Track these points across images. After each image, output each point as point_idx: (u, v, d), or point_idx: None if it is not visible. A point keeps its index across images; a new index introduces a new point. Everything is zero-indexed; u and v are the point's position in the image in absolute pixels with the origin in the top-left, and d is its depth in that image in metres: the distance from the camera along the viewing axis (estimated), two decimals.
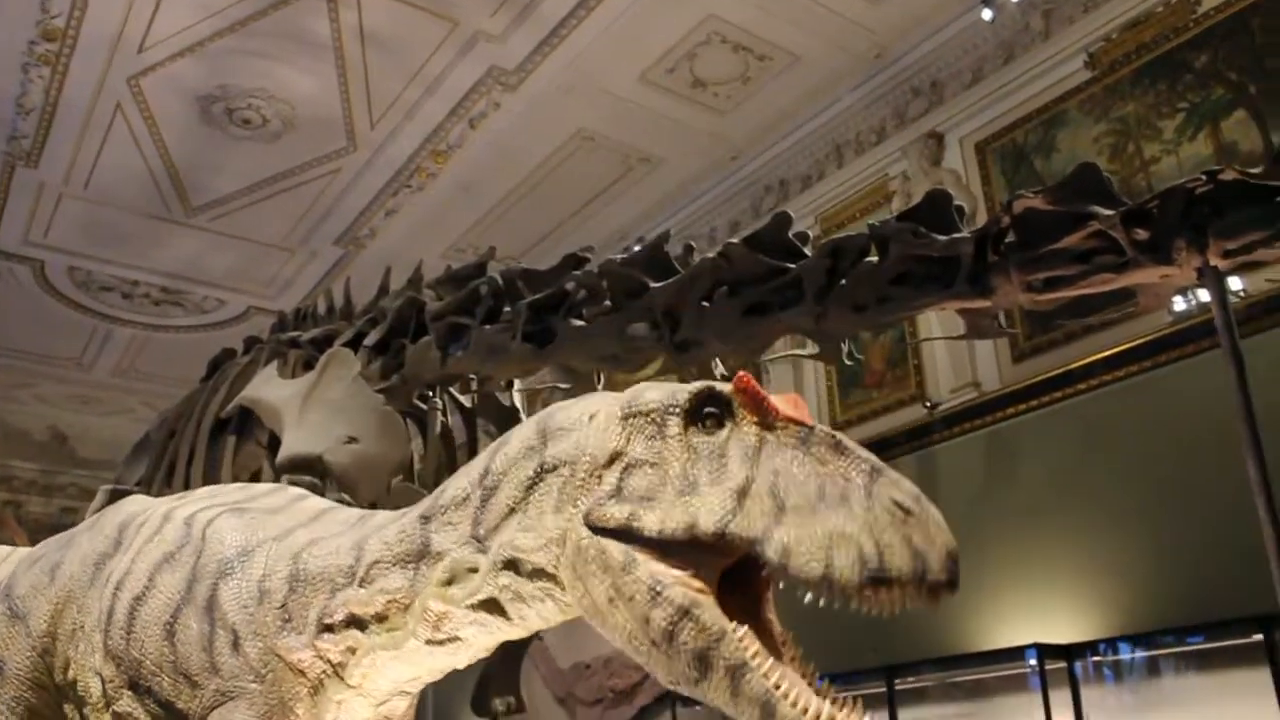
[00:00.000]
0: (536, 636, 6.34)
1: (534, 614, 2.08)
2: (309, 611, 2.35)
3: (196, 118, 9.89)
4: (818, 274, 3.92)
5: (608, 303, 4.46)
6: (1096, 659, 6.71)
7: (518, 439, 2.14)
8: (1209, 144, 7.28)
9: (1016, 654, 6.85)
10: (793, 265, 4.00)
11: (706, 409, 1.86)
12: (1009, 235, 3.63)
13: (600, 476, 1.91)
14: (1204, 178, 3.29)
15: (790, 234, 4.10)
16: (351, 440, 4.85)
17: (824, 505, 1.67)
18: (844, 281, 3.89)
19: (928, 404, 8.44)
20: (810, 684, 1.76)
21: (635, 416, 1.94)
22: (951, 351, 8.34)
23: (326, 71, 9.37)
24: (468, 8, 8.72)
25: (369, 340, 5.39)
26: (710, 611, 1.74)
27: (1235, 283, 5.99)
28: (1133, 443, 6.94)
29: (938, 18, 8.95)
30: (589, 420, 2.02)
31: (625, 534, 1.83)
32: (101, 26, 8.68)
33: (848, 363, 4.37)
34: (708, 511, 1.75)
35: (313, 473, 4.65)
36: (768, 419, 1.82)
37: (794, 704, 1.65)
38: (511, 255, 10.62)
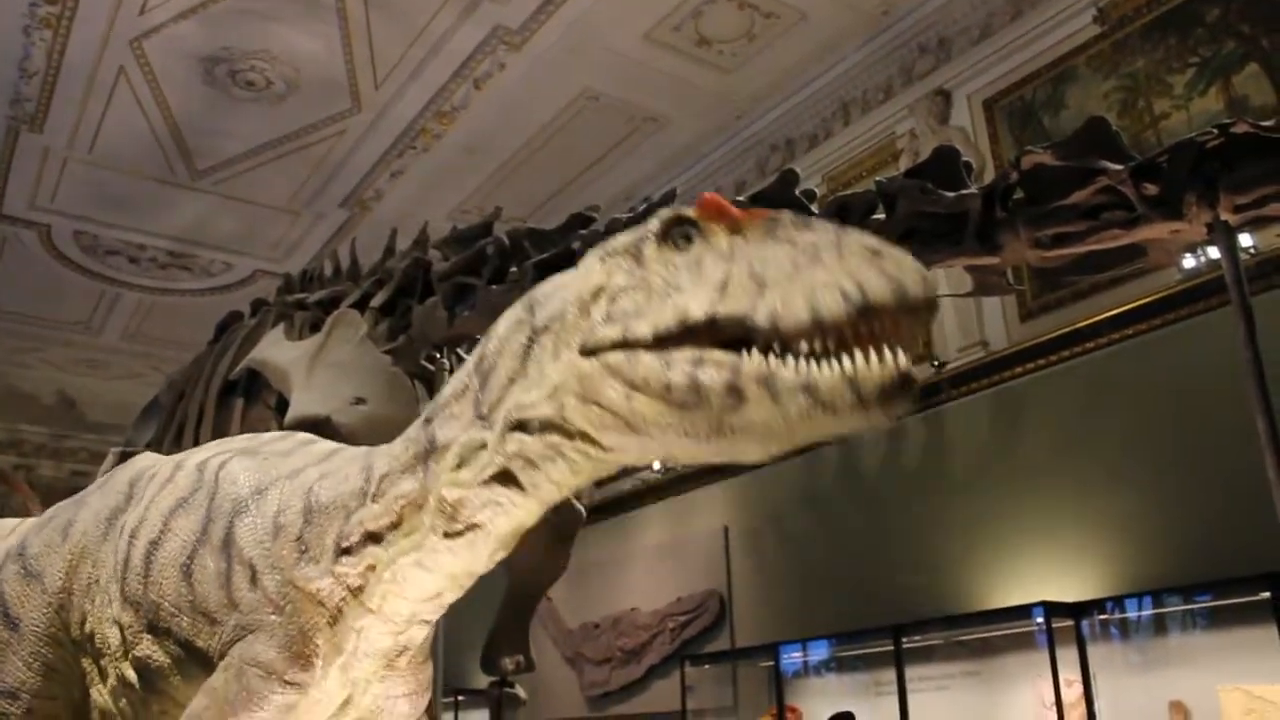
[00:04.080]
0: (546, 597, 6.34)
1: (545, 479, 2.08)
2: (325, 539, 2.38)
3: (200, 80, 9.84)
4: None
5: None
6: (1103, 617, 6.73)
7: (506, 320, 2.18)
8: (1220, 99, 7.21)
9: (1023, 612, 6.88)
10: None
11: (675, 229, 1.92)
12: (1017, 191, 3.62)
13: (589, 313, 1.95)
14: (1215, 131, 3.27)
15: (797, 191, 4.08)
16: (359, 401, 4.85)
17: (801, 271, 1.73)
18: None
19: (935, 362, 8.42)
20: None
21: (612, 255, 2.00)
22: (959, 310, 8.31)
23: (330, 32, 9.30)
24: None
25: (376, 301, 5.38)
26: (718, 352, 1.78)
27: (1246, 239, 5.94)
28: (1141, 401, 6.93)
29: None
30: (569, 278, 2.08)
31: (621, 346, 1.87)
32: None
33: None
34: (695, 302, 1.81)
35: (321, 434, 4.65)
36: (736, 225, 1.87)
37: (829, 369, 1.69)
38: (518, 216, 10.56)
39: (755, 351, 1.74)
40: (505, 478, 2.10)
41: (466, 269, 4.98)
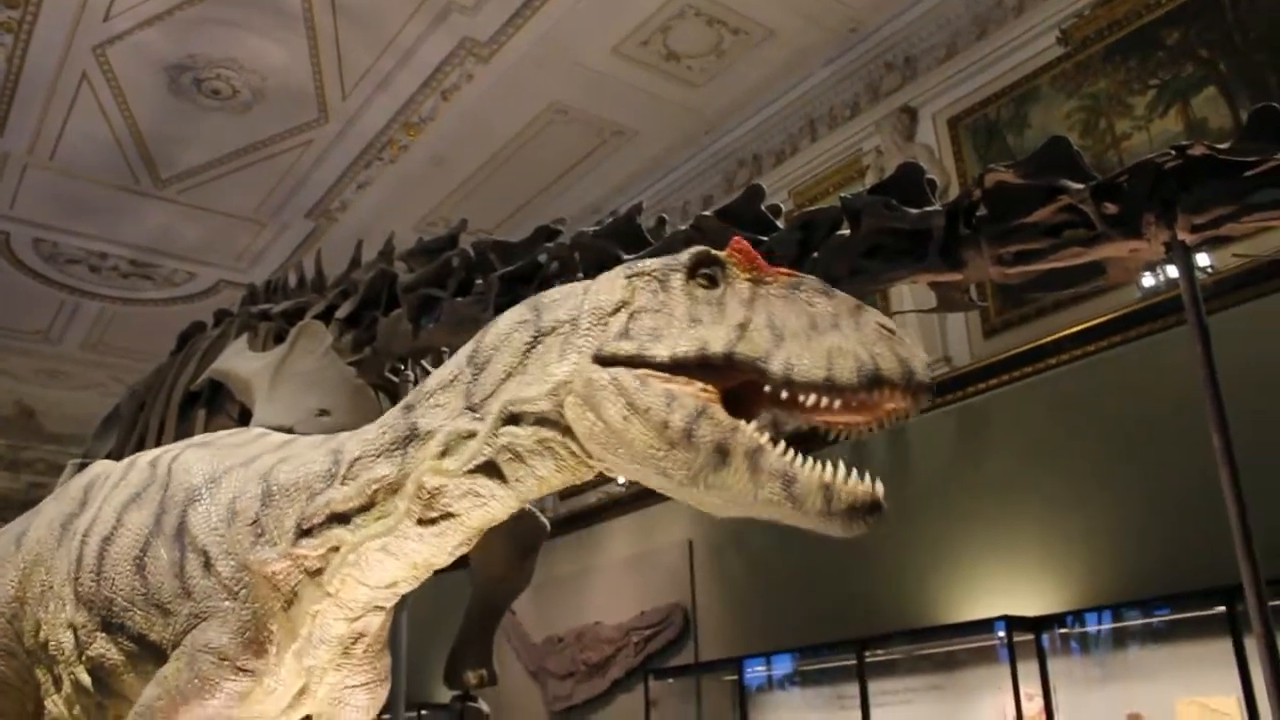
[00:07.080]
0: (510, 611, 6.30)
1: (530, 474, 2.13)
2: (285, 522, 2.37)
3: (165, 88, 9.77)
4: (789, 246, 3.92)
5: (580, 275, 4.44)
6: (1064, 631, 6.79)
7: (507, 319, 2.24)
8: (1180, 120, 7.32)
9: (985, 626, 6.92)
10: (765, 238, 4.00)
11: (703, 268, 2.02)
12: (980, 209, 3.64)
13: (606, 323, 2.03)
14: (1173, 152, 3.31)
15: (763, 206, 4.10)
16: (323, 413, 4.82)
17: (818, 332, 1.86)
18: (816, 254, 3.89)
19: None
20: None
21: (638, 276, 2.08)
22: (923, 326, 8.37)
23: (297, 42, 9.27)
24: None
25: (340, 313, 5.35)
26: (722, 412, 1.90)
27: (1203, 259, 6.03)
28: (1101, 417, 7.01)
29: None
30: (584, 290, 2.16)
31: (635, 362, 1.96)
32: None
33: None
34: (715, 338, 1.92)
35: None
36: (760, 275, 1.99)
37: (811, 469, 1.82)
38: (484, 229, 10.56)
39: (756, 425, 1.88)
40: (490, 469, 2.14)
41: (432, 281, 4.97)
